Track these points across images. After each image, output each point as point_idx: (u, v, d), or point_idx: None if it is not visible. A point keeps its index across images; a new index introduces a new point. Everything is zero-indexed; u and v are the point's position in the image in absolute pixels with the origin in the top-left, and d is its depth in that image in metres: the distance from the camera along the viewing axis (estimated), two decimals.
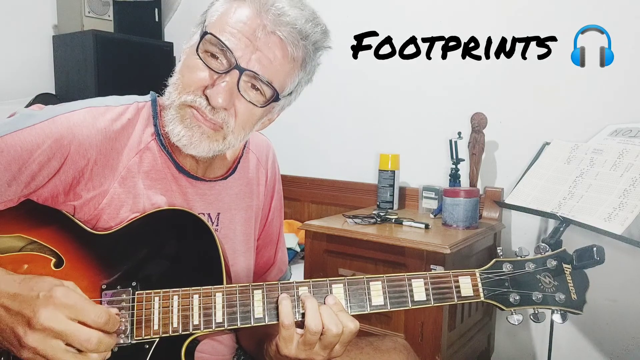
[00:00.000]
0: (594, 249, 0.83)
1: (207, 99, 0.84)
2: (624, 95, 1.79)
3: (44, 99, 2.57)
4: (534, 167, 1.74)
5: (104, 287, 0.83)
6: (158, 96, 0.97)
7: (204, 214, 0.99)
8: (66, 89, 2.74)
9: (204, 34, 0.84)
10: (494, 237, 1.94)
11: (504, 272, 0.87)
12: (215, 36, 0.83)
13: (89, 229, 0.87)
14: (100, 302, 0.82)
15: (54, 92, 2.76)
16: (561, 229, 1.52)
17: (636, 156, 1.52)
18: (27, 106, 2.21)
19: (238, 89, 0.84)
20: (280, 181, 1.16)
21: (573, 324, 1.91)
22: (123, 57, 2.70)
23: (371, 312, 0.84)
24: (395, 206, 2.11)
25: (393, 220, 1.86)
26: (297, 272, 2.03)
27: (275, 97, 0.87)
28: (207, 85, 0.84)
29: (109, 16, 2.76)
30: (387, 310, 0.84)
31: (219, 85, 0.83)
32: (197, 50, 0.84)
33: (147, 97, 0.96)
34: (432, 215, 2.00)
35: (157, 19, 2.95)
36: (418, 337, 1.61)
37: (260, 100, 0.87)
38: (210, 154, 0.90)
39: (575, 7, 1.86)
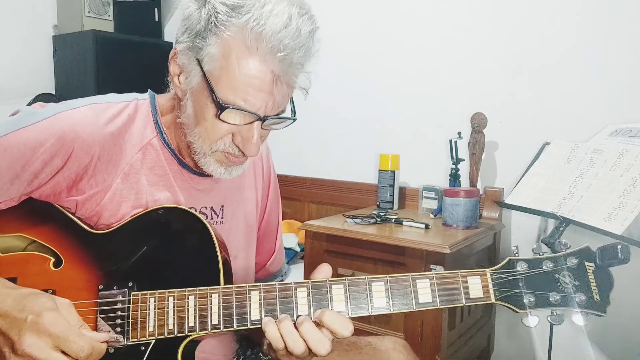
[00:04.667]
0: (619, 247, 0.77)
1: (239, 148, 0.87)
2: (624, 95, 1.78)
3: (44, 99, 2.57)
4: (534, 167, 1.73)
5: (100, 287, 0.83)
6: (156, 95, 0.97)
7: (207, 207, 1.00)
8: (66, 89, 2.74)
9: (222, 107, 0.82)
10: (494, 237, 1.94)
11: (518, 271, 0.80)
12: (237, 108, 0.82)
13: (87, 228, 0.87)
14: (96, 305, 0.82)
15: (54, 92, 2.76)
16: (561, 229, 1.52)
17: (636, 156, 1.52)
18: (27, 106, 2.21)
19: (263, 128, 0.87)
20: (275, 172, 1.18)
21: (573, 323, 1.90)
22: (123, 57, 2.69)
23: (373, 314, 0.81)
24: (395, 206, 2.11)
25: (393, 220, 1.86)
26: (298, 272, 2.03)
27: (293, 118, 0.91)
28: (234, 132, 0.86)
29: (109, 16, 2.76)
30: (389, 312, 0.81)
31: (250, 140, 0.86)
32: (217, 117, 0.84)
33: (146, 95, 0.97)
34: (432, 215, 2.00)
35: (157, 19, 2.95)
36: (418, 337, 1.61)
37: (282, 125, 0.91)
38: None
39: (575, 7, 1.86)
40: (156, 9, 2.94)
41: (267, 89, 0.82)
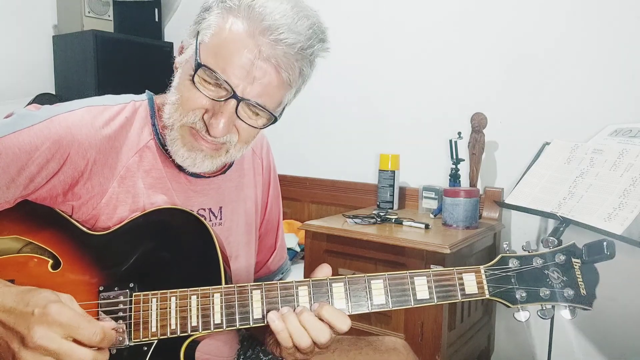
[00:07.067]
0: (604, 243, 0.80)
1: (207, 126, 0.85)
2: (624, 95, 1.79)
3: (44, 99, 2.57)
4: (534, 167, 1.74)
5: (101, 288, 0.82)
6: (154, 95, 0.97)
7: (204, 209, 0.99)
8: (66, 89, 2.74)
9: (198, 65, 0.82)
10: (494, 237, 1.94)
11: (510, 268, 0.83)
12: (210, 69, 0.82)
13: (86, 230, 0.86)
14: (98, 306, 0.82)
15: (54, 92, 2.76)
16: (561, 229, 1.52)
17: (636, 156, 1.52)
18: (26, 106, 2.21)
19: (237, 114, 0.84)
20: (275, 170, 1.18)
21: (573, 323, 1.91)
22: (123, 57, 2.70)
23: (372, 311, 0.82)
24: (395, 206, 2.11)
25: (393, 220, 1.86)
26: (298, 272, 2.03)
27: (274, 120, 0.88)
28: (207, 108, 0.85)
29: (109, 16, 2.76)
30: (389, 309, 0.82)
31: (217, 117, 0.84)
32: (192, 79, 0.83)
33: (144, 96, 0.96)
34: (432, 215, 2.00)
35: (157, 19, 2.95)
36: (418, 337, 1.61)
37: (259, 123, 0.88)
38: (213, 169, 0.92)
39: (575, 7, 1.86)
40: (156, 9, 2.94)
41: (248, 66, 0.81)
